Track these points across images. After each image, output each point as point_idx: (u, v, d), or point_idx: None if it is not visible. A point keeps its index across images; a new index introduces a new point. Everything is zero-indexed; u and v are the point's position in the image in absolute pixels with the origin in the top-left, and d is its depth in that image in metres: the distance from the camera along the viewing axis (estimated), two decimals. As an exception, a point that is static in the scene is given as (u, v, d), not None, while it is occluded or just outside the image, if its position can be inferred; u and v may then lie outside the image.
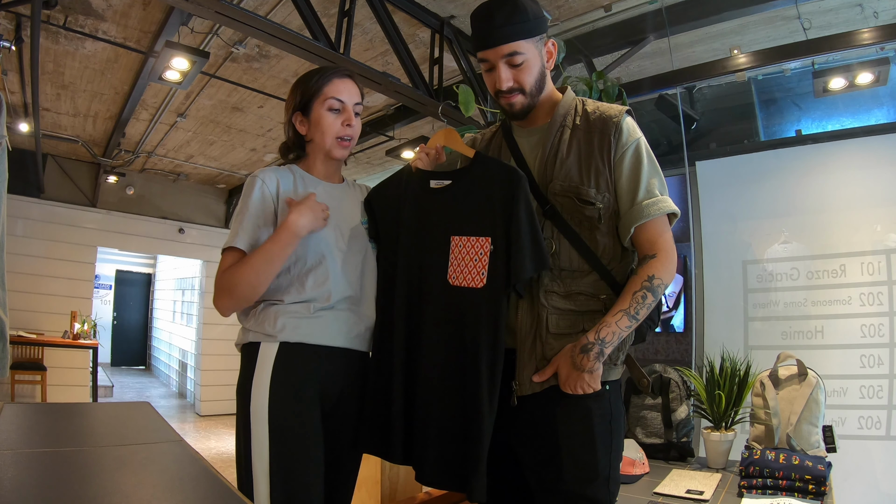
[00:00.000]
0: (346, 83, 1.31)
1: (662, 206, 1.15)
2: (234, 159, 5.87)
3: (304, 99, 1.30)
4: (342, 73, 1.33)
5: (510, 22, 1.13)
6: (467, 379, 1.15)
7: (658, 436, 2.18)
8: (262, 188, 1.24)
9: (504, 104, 1.21)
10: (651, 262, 1.15)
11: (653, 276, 1.13)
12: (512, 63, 1.16)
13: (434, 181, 1.27)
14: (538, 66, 1.19)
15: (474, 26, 1.18)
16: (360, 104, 1.34)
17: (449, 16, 3.20)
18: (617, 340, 1.13)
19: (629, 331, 1.14)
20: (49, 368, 5.34)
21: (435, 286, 1.22)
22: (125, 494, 0.78)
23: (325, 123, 1.29)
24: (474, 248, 1.19)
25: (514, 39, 1.14)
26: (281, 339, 1.19)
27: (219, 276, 1.20)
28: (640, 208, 1.15)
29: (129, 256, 10.24)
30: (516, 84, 1.17)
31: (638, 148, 1.18)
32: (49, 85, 4.07)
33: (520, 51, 1.15)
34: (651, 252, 1.16)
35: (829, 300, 2.96)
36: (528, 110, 1.22)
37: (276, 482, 1.13)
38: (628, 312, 1.12)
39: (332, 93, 1.29)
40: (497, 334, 1.14)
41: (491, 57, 1.16)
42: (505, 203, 1.16)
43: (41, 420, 1.24)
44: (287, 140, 1.37)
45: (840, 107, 3.37)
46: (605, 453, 1.14)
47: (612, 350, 1.13)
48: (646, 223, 1.15)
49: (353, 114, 1.31)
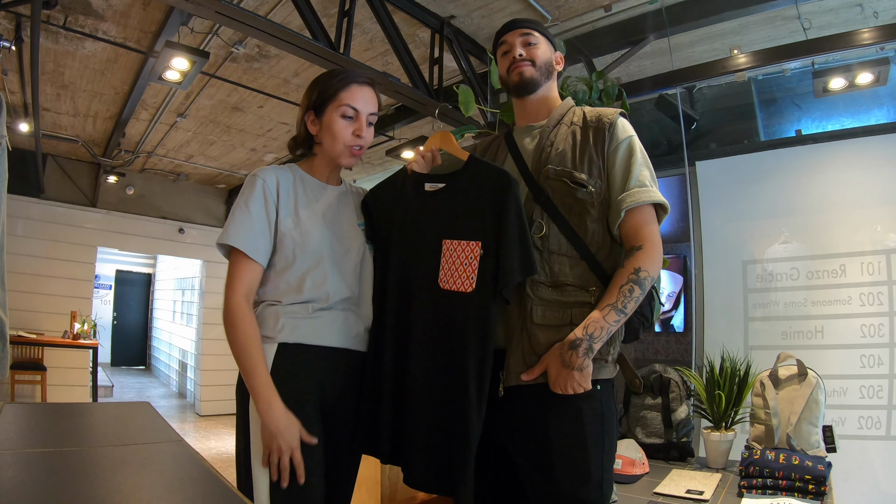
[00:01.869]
0: (363, 91, 1.29)
1: (651, 195, 1.18)
2: (234, 159, 5.87)
3: (320, 100, 1.28)
4: (361, 79, 1.30)
5: (532, 21, 1.35)
6: (454, 382, 1.14)
7: (658, 436, 2.18)
8: (264, 188, 1.23)
9: (514, 74, 1.31)
10: (637, 254, 1.17)
11: (639, 269, 1.15)
12: (527, 42, 1.31)
13: (429, 184, 1.28)
14: (548, 55, 1.33)
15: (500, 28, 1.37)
16: (374, 114, 1.31)
17: (449, 16, 3.20)
18: (605, 336, 1.13)
19: (618, 325, 1.15)
20: (49, 368, 5.34)
21: (425, 289, 1.22)
22: (125, 494, 0.78)
23: (335, 129, 1.27)
24: (465, 252, 1.19)
25: (533, 28, 1.33)
26: (280, 340, 1.19)
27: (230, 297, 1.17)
28: (630, 194, 1.18)
29: (129, 256, 10.24)
30: (528, 56, 1.30)
31: (631, 143, 1.23)
32: (49, 85, 4.07)
33: (535, 35, 1.32)
34: (637, 243, 1.18)
35: (829, 300, 2.96)
36: (534, 85, 1.31)
37: (275, 482, 1.13)
38: (615, 307, 1.13)
39: (347, 99, 1.26)
40: (485, 339, 1.14)
41: (510, 38, 1.32)
42: (496, 207, 1.17)
43: (41, 420, 1.24)
44: (297, 135, 1.35)
45: (840, 107, 3.37)
46: (597, 455, 1.14)
47: (601, 346, 1.13)
48: (633, 210, 1.18)
49: (367, 123, 1.29)
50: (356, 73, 1.31)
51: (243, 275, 1.19)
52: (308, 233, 1.24)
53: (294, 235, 1.23)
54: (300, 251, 1.22)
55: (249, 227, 1.20)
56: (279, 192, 1.25)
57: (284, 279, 1.22)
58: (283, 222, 1.23)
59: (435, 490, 1.19)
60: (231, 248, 1.21)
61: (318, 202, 1.29)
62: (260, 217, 1.22)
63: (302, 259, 1.22)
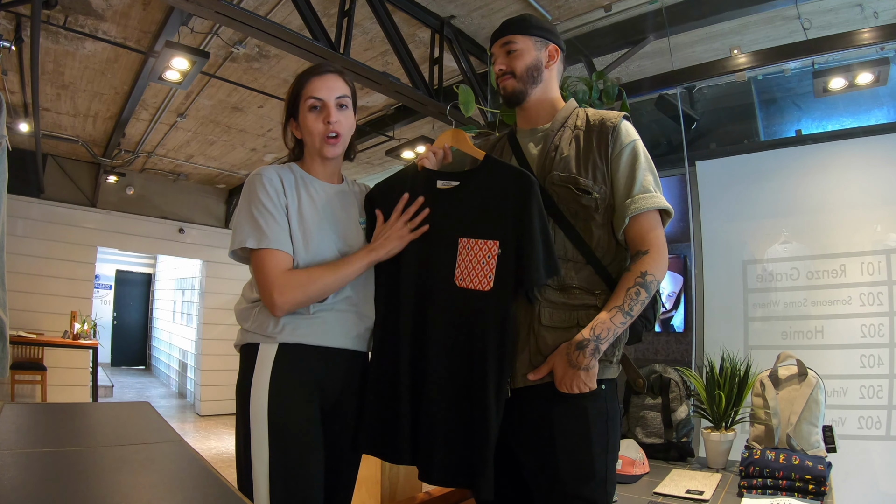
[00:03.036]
0: (323, 79, 1.29)
1: (656, 201, 1.20)
2: (234, 159, 5.87)
3: (292, 105, 1.31)
4: (320, 70, 1.31)
5: (510, 23, 1.33)
6: (475, 380, 1.15)
7: (658, 436, 2.18)
8: (271, 183, 1.23)
9: (500, 88, 1.34)
10: (644, 258, 1.18)
11: (645, 273, 1.16)
12: (508, 50, 1.31)
13: (441, 181, 1.27)
14: (531, 58, 1.31)
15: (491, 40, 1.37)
16: (344, 96, 1.31)
17: (449, 16, 3.20)
18: (612, 337, 1.14)
19: (624, 327, 1.16)
20: (49, 368, 5.34)
21: (441, 287, 1.22)
22: (125, 494, 0.78)
23: (308, 125, 1.28)
24: (482, 250, 1.19)
25: (509, 34, 1.31)
26: (280, 340, 1.19)
27: (274, 279, 1.16)
28: (634, 200, 1.19)
29: (129, 256, 10.24)
30: (507, 68, 1.31)
31: (635, 147, 1.23)
32: (49, 85, 4.07)
33: (514, 41, 1.30)
34: (643, 248, 1.19)
35: (829, 300, 2.96)
36: (521, 96, 1.31)
37: (275, 482, 1.13)
38: (622, 309, 1.14)
39: (309, 93, 1.28)
40: (504, 337, 1.15)
41: (495, 50, 1.34)
42: (516, 208, 1.17)
43: (41, 420, 1.24)
44: (291, 148, 1.37)
45: (840, 107, 3.37)
46: (601, 453, 1.15)
47: (607, 347, 1.14)
48: (639, 216, 1.19)
49: (335, 107, 1.29)
50: (315, 67, 1.33)
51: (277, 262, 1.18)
52: (309, 231, 1.24)
53: (296, 234, 1.23)
54: (301, 250, 1.22)
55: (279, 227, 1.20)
56: (284, 189, 1.25)
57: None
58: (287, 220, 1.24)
59: (455, 483, 1.21)
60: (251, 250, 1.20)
61: (319, 201, 1.29)
62: (280, 215, 1.21)
63: (303, 258, 1.22)
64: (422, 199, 1.27)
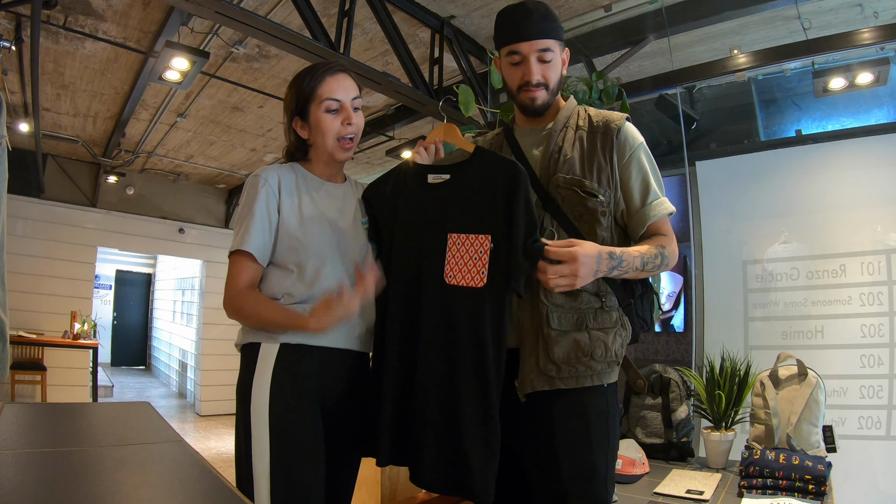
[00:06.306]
0: (339, 80, 1.28)
1: (668, 207, 1.23)
2: (234, 159, 5.87)
3: (301, 102, 1.27)
4: (334, 69, 1.29)
5: (547, 20, 1.20)
6: (471, 379, 1.12)
7: (658, 436, 2.18)
8: (266, 189, 1.22)
9: (526, 98, 1.23)
10: (662, 238, 1.21)
11: (664, 247, 1.19)
12: (543, 59, 1.20)
13: (432, 176, 1.24)
14: (560, 68, 1.25)
15: (507, 21, 1.22)
16: (358, 97, 1.30)
17: (449, 16, 3.20)
18: (625, 272, 1.14)
19: (635, 273, 1.16)
20: (49, 368, 5.34)
21: (431, 285, 1.18)
22: (125, 494, 0.78)
23: (324, 126, 1.26)
24: (473, 246, 1.16)
25: (549, 37, 1.20)
26: (282, 340, 1.18)
27: (232, 288, 1.19)
28: (651, 208, 1.21)
29: (129, 256, 10.23)
30: (543, 79, 1.21)
31: (644, 152, 1.24)
32: (49, 85, 4.07)
33: (552, 49, 1.20)
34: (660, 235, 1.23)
35: (829, 300, 2.96)
36: (546, 108, 1.26)
37: (276, 483, 1.12)
38: (643, 257, 1.15)
39: (326, 93, 1.26)
40: (501, 334, 1.13)
41: (525, 50, 1.19)
42: (507, 199, 1.14)
43: (41, 420, 1.24)
44: (289, 144, 1.35)
45: (840, 107, 3.37)
46: (602, 452, 1.15)
47: (619, 274, 1.13)
48: (655, 221, 1.22)
49: (353, 109, 1.28)
50: (327, 66, 1.30)
51: (242, 272, 1.20)
52: (310, 232, 1.23)
53: (297, 234, 1.22)
54: (303, 250, 1.22)
55: (249, 228, 1.20)
56: (281, 192, 1.24)
57: (286, 278, 1.22)
58: (286, 221, 1.23)
59: (446, 491, 1.18)
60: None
61: (321, 200, 1.28)
62: (261, 218, 1.21)
63: (304, 258, 1.22)
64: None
